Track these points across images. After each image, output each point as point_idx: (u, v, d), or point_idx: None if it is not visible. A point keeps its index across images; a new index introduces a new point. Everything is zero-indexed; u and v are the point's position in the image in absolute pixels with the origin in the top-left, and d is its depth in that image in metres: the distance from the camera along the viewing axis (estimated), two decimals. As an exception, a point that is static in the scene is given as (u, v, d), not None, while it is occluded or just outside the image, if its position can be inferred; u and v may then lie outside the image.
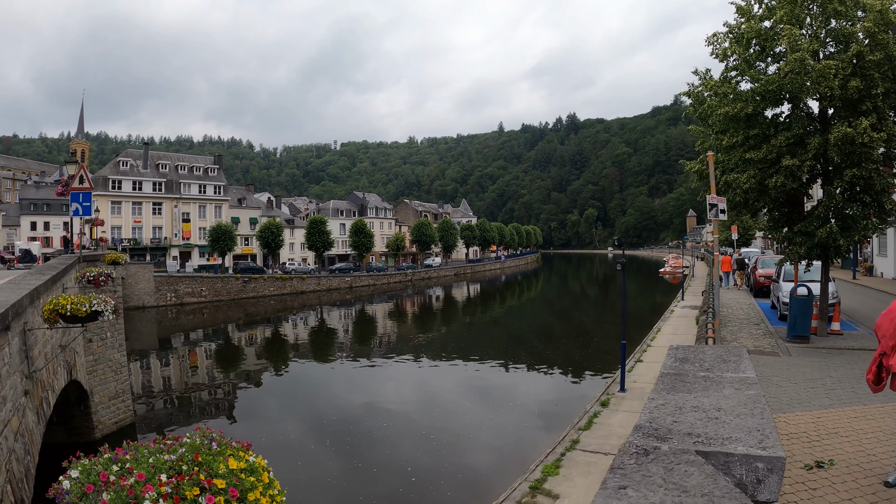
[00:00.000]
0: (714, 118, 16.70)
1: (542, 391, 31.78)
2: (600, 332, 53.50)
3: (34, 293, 11.56)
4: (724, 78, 16.86)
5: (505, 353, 43.10)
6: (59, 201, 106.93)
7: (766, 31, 15.95)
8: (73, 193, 24.79)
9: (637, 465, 3.05)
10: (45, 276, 14.52)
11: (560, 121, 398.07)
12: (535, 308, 77.69)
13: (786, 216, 17.57)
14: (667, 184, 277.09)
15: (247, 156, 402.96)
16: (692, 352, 5.89)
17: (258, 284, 77.37)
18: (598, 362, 37.90)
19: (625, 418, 18.98)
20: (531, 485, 13.69)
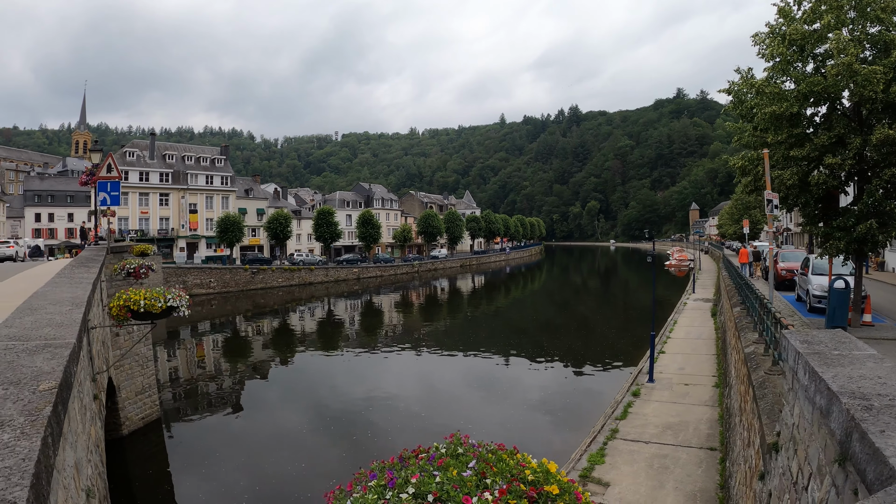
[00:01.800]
0: (759, 116, 16.84)
1: (559, 382, 32.09)
2: (607, 324, 53.88)
3: (94, 288, 10.66)
4: (769, 77, 17.03)
5: (516, 344, 43.36)
6: (63, 192, 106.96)
7: (809, 34, 16.18)
8: (101, 182, 24.32)
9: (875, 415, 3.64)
10: (91, 268, 13.98)
11: (562, 113, 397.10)
12: (542, 300, 77.84)
13: (822, 212, 17.76)
14: (669, 177, 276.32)
15: (248, 147, 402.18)
16: (811, 336, 6.38)
17: (266, 275, 77.52)
18: (611, 353, 38.29)
19: (658, 408, 19.21)
20: (581, 473, 13.90)
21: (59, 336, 5.50)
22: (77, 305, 7.57)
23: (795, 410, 6.05)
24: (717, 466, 14.87)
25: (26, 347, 4.97)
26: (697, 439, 16.58)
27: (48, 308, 7.23)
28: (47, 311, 6.99)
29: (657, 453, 15.42)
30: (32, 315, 6.69)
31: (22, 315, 6.68)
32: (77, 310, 7.14)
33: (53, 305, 7.48)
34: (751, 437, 10.60)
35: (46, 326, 6.00)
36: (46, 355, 4.67)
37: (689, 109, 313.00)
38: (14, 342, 5.15)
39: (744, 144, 19.01)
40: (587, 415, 25.25)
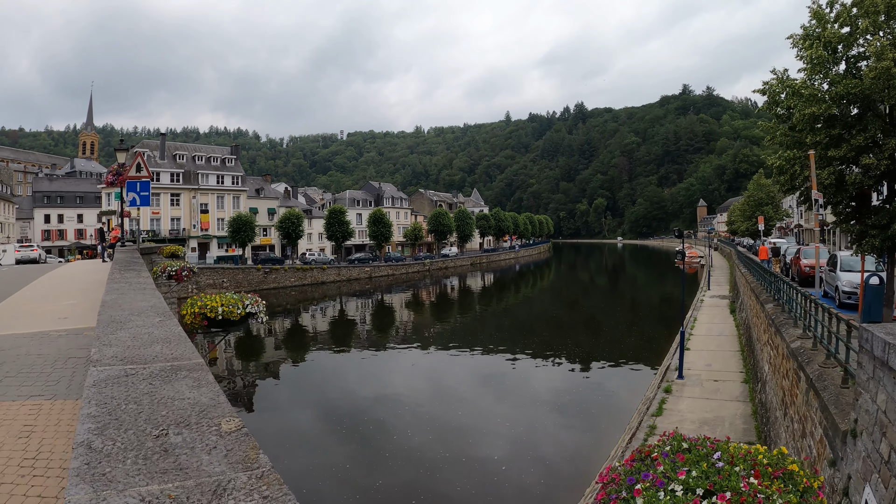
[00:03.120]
0: (797, 117, 17.05)
1: (570, 380, 32.90)
2: (617, 321, 54.42)
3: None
4: (807, 79, 17.28)
5: (527, 342, 43.95)
6: (72, 193, 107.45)
7: (844, 36, 16.49)
8: (130, 182, 23.81)
9: None
10: (142, 272, 13.84)
11: (567, 110, 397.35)
12: (552, 298, 78.17)
13: (855, 210, 18.00)
14: (676, 173, 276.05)
15: (253, 146, 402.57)
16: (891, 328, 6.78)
17: (279, 275, 77.66)
18: (621, 351, 38.85)
19: (692, 404, 19.36)
20: (626, 469, 13.97)
21: (179, 355, 4.65)
22: (164, 315, 6.87)
23: (880, 397, 6.37)
24: (758, 460, 14.98)
25: (151, 372, 4.08)
26: (735, 434, 16.75)
27: (135, 320, 6.43)
28: (137, 324, 6.23)
29: (697, 447, 15.56)
30: (124, 329, 5.90)
31: (113, 329, 5.91)
32: (168, 320, 6.41)
33: (137, 316, 6.74)
34: (807, 428, 10.79)
35: (153, 343, 5.23)
36: (188, 382, 3.86)
37: (695, 106, 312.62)
38: (132, 366, 4.25)
39: (778, 144, 19.20)
40: (600, 412, 25.58)
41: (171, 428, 2.98)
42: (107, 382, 3.66)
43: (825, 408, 9.26)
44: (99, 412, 3.08)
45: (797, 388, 12.39)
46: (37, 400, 6.17)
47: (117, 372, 3.93)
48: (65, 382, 6.88)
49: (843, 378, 9.67)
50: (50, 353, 8.26)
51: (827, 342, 11.41)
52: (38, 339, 9.24)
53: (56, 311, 12.40)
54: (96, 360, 4.19)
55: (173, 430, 2.97)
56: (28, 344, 8.90)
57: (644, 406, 20.12)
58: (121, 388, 3.57)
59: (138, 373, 3.99)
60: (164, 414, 3.13)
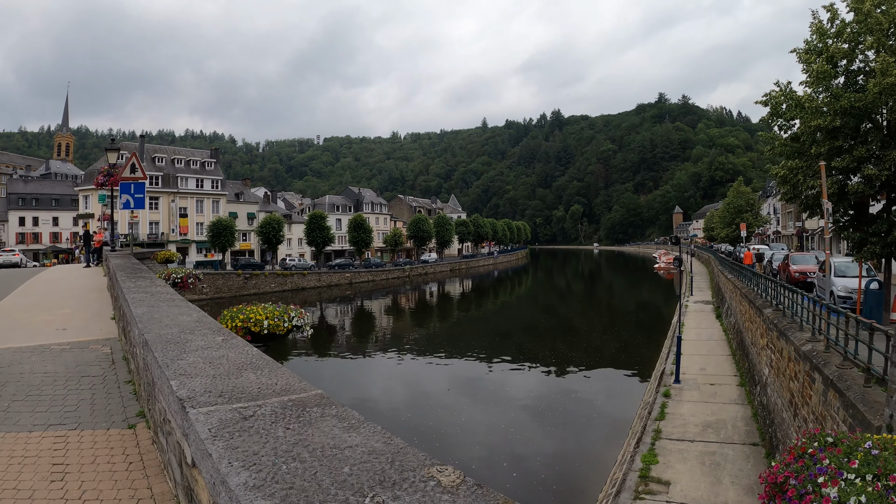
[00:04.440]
0: (802, 128, 17.42)
1: (547, 385, 33.16)
2: (594, 328, 54.88)
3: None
4: (813, 92, 17.66)
5: (504, 348, 44.04)
6: (48, 196, 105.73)
7: (848, 52, 16.91)
8: (124, 184, 22.94)
9: None
10: (156, 282, 12.33)
11: (544, 117, 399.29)
12: (531, 304, 78.39)
13: (853, 218, 18.38)
14: (652, 181, 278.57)
15: (229, 150, 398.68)
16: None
17: (259, 281, 76.88)
18: (598, 357, 39.33)
19: (692, 408, 19.53)
20: (640, 473, 14.13)
21: (286, 384, 3.66)
22: (223, 333, 5.67)
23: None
24: (764, 461, 15.22)
25: (273, 411, 3.10)
26: (738, 436, 16.94)
27: (194, 340, 5.15)
28: (199, 345, 4.95)
29: (704, 451, 15.74)
30: (189, 352, 4.61)
31: (176, 353, 4.57)
32: (233, 339, 5.34)
33: (191, 334, 5.46)
34: (826, 427, 10.94)
35: (241, 370, 4.04)
36: (332, 421, 2.93)
37: (671, 114, 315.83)
38: (242, 404, 3.23)
39: (778, 154, 19.55)
40: (576, 417, 25.76)
41: (379, 491, 2.19)
42: (230, 432, 2.77)
43: (852, 406, 9.48)
44: (260, 480, 2.26)
45: (811, 390, 12.54)
46: (59, 430, 5.65)
47: (230, 415, 3.02)
48: (86, 407, 6.35)
49: (865, 378, 9.87)
50: (58, 370, 7.83)
51: (843, 345, 11.54)
52: (40, 354, 8.76)
53: (53, 322, 11.96)
54: (189, 398, 3.27)
55: (387, 495, 2.15)
56: (30, 360, 8.44)
57: (644, 410, 20.25)
58: (254, 438, 2.71)
59: (258, 413, 3.07)
60: (347, 471, 2.38)
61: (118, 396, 6.67)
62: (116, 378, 7.45)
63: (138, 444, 5.26)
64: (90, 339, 9.83)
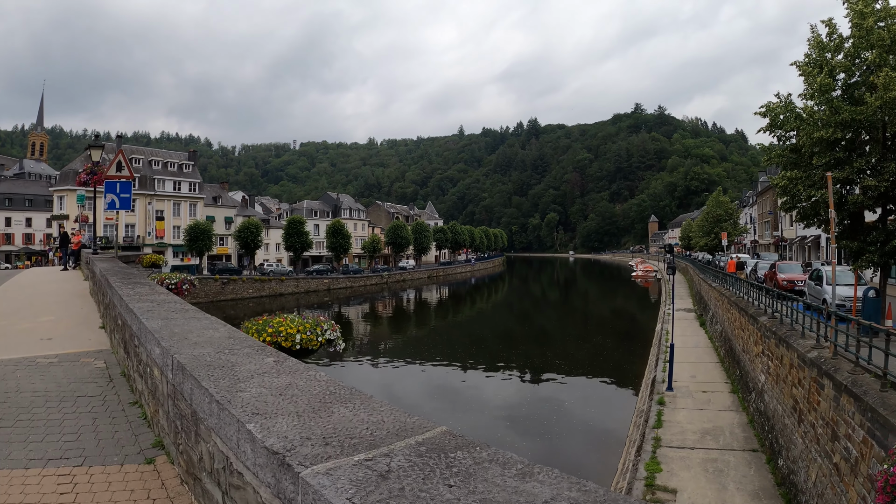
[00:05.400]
0: (804, 140, 17.61)
1: (521, 392, 33.42)
2: (568, 335, 55.21)
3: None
4: (816, 104, 17.90)
5: (480, 354, 44.16)
6: (21, 196, 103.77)
7: (848, 66, 17.23)
8: (109, 183, 21.48)
9: None
10: (156, 289, 9.87)
11: (521, 125, 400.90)
12: (507, 312, 78.43)
13: (849, 228, 18.61)
14: (628, 190, 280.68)
15: (205, 153, 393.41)
16: None
17: (237, 286, 76.12)
18: (571, 363, 39.65)
19: (688, 416, 19.51)
20: (646, 482, 14.06)
21: (403, 423, 2.84)
22: (271, 353, 4.54)
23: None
24: (766, 466, 15.26)
25: (410, 462, 2.36)
26: (737, 443, 16.97)
27: (242, 364, 4.13)
28: (249, 369, 3.98)
29: (706, 458, 15.72)
30: (241, 379, 3.71)
31: (227, 382, 3.65)
32: (287, 360, 4.29)
33: (231, 354, 4.49)
34: (839, 431, 11.00)
35: (326, 403, 3.19)
36: (496, 470, 2.25)
37: (646, 124, 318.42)
38: (372, 454, 2.46)
39: (775, 164, 19.75)
40: (561, 425, 25.72)
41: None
42: (379, 501, 1.96)
43: (871, 410, 9.60)
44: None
45: (819, 396, 12.55)
46: (61, 466, 4.73)
47: (360, 472, 2.21)
48: (89, 436, 5.44)
49: (881, 384, 9.95)
50: (49, 388, 6.94)
51: (855, 351, 11.58)
52: (26, 368, 7.86)
53: (36, 330, 11.12)
54: (288, 450, 2.49)
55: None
56: (15, 375, 7.49)
57: (640, 418, 20.23)
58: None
59: (394, 466, 2.28)
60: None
61: (125, 422, 5.83)
62: (118, 398, 6.59)
63: (164, 486, 4.42)
64: (80, 351, 9.05)
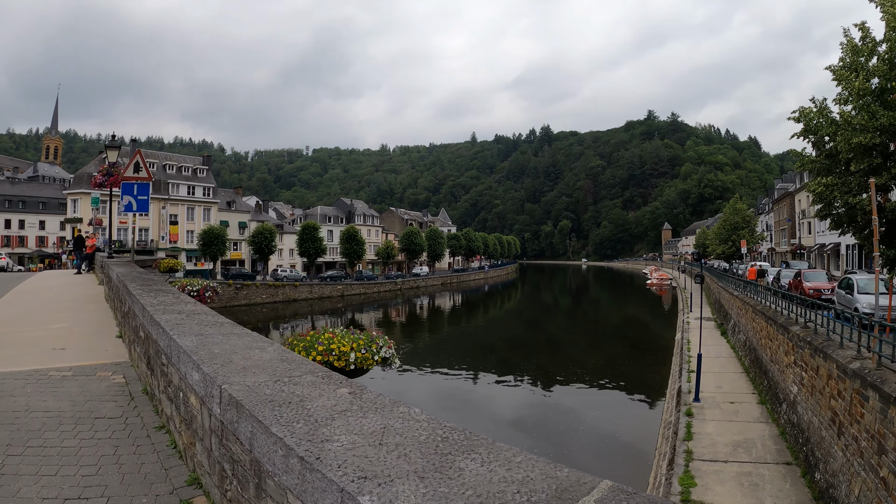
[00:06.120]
0: (842, 146, 17.22)
1: (534, 400, 33.04)
2: (580, 342, 54.75)
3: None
4: (856, 110, 17.59)
5: (491, 362, 43.75)
6: (35, 199, 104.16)
7: (886, 71, 16.94)
8: (126, 184, 20.67)
9: None
10: (181, 297, 8.35)
11: (533, 132, 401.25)
12: (521, 319, 78.26)
13: (886, 235, 18.28)
14: (641, 197, 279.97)
15: (218, 159, 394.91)
16: None
17: (250, 291, 75.88)
18: (583, 372, 39.38)
19: (717, 427, 19.08)
20: (681, 497, 13.68)
21: (556, 479, 2.25)
22: (344, 384, 3.76)
23: None
24: (801, 480, 14.87)
25: None
26: (770, 455, 16.53)
27: (315, 398, 3.38)
28: (324, 405, 3.24)
29: (740, 471, 15.31)
30: (336, 425, 2.85)
31: (312, 425, 2.86)
32: (361, 391, 3.59)
33: (297, 385, 3.64)
34: (887, 445, 10.64)
35: (447, 454, 2.48)
36: None
37: (659, 131, 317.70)
38: None
39: (808, 171, 19.41)
40: (581, 436, 25.39)
41: None
42: None
43: None
44: None
45: (862, 408, 12.14)
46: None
47: None
48: (111, 469, 4.62)
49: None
50: (62, 407, 6.19)
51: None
52: (36, 383, 7.14)
53: (47, 339, 10.26)
54: None
55: None
56: (25, 391, 6.78)
57: (668, 430, 19.80)
58: None
59: None
60: None
61: (151, 451, 5.00)
62: (142, 421, 5.78)
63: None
64: (96, 364, 8.28)
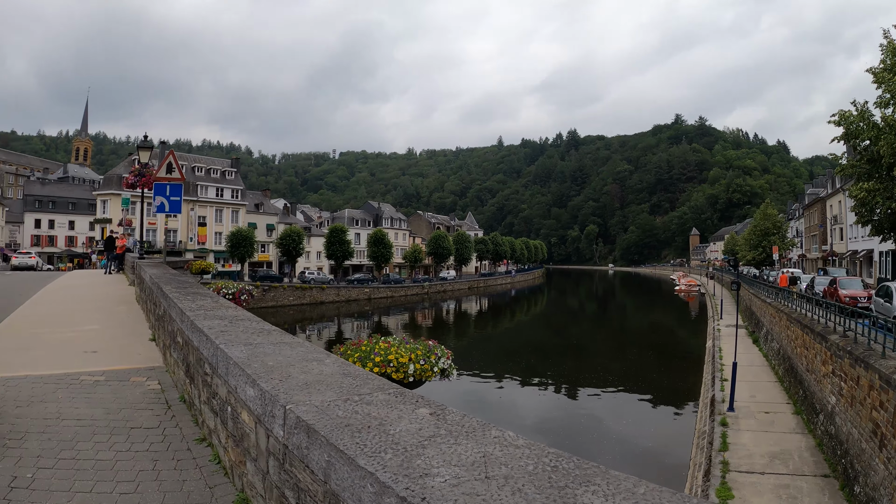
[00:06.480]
0: (884, 150, 16.92)
1: (558, 406, 33.12)
2: (606, 348, 54.33)
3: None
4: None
5: (518, 368, 43.35)
6: (64, 199, 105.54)
7: None
8: (159, 185, 20.69)
9: None
10: (219, 301, 7.28)
11: (560, 136, 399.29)
12: (547, 324, 77.82)
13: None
14: (668, 202, 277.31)
15: (245, 161, 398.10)
16: None
17: (277, 293, 76.11)
18: (606, 378, 39.02)
19: (753, 438, 18.77)
20: (720, 510, 13.42)
21: None
22: (424, 404, 3.21)
23: None
24: (840, 493, 14.55)
25: None
26: (808, 467, 16.21)
27: (395, 421, 2.87)
28: (407, 428, 2.75)
29: (777, 483, 15.00)
30: (430, 456, 2.35)
31: (402, 457, 2.35)
32: (442, 412, 3.05)
33: (370, 405, 3.11)
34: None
35: (564, 488, 2.08)
36: None
37: (687, 135, 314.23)
38: None
39: (846, 175, 19.10)
40: (595, 440, 25.16)
41: None
42: None
43: None
44: None
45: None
46: None
47: None
48: (151, 487, 4.17)
49: None
50: (96, 415, 5.79)
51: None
52: (67, 388, 6.80)
53: (78, 341, 9.97)
54: None
55: None
56: (56, 396, 6.45)
57: (702, 440, 19.48)
58: None
59: None
60: None
61: (193, 467, 4.54)
62: (181, 433, 5.38)
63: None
64: (129, 368, 7.94)
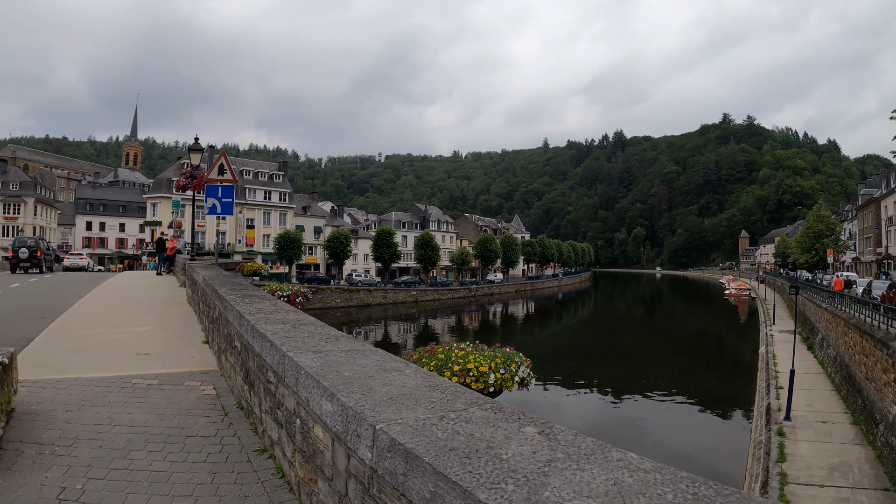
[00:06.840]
0: None
1: (601, 409, 32.89)
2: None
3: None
4: None
5: (561, 370, 43.11)
6: (115, 202, 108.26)
7: None
8: (210, 187, 20.48)
9: None
10: (278, 304, 6.13)
11: (606, 137, 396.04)
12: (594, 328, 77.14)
13: None
14: (717, 204, 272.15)
15: (292, 165, 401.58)
16: None
17: (325, 295, 76.53)
18: (651, 383, 38.38)
19: (811, 448, 18.41)
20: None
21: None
22: (528, 422, 2.77)
23: None
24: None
25: None
26: (868, 480, 15.81)
27: (502, 443, 2.43)
28: (519, 451, 2.31)
29: (837, 497, 14.67)
30: (556, 487, 1.91)
31: (525, 490, 1.88)
32: (551, 430, 2.66)
33: (468, 423, 2.69)
34: None
35: None
36: None
37: (735, 135, 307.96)
38: None
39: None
40: (645, 448, 24.64)
41: None
42: None
43: None
44: None
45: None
46: None
47: None
48: (210, 503, 3.93)
49: None
50: (149, 422, 5.53)
51: None
52: (119, 391, 6.54)
53: (130, 343, 9.74)
54: None
55: None
56: (107, 400, 6.18)
57: (758, 450, 19.12)
58: None
59: None
60: None
61: (255, 481, 4.24)
62: (240, 443, 5.06)
63: None
64: (183, 372, 7.71)
